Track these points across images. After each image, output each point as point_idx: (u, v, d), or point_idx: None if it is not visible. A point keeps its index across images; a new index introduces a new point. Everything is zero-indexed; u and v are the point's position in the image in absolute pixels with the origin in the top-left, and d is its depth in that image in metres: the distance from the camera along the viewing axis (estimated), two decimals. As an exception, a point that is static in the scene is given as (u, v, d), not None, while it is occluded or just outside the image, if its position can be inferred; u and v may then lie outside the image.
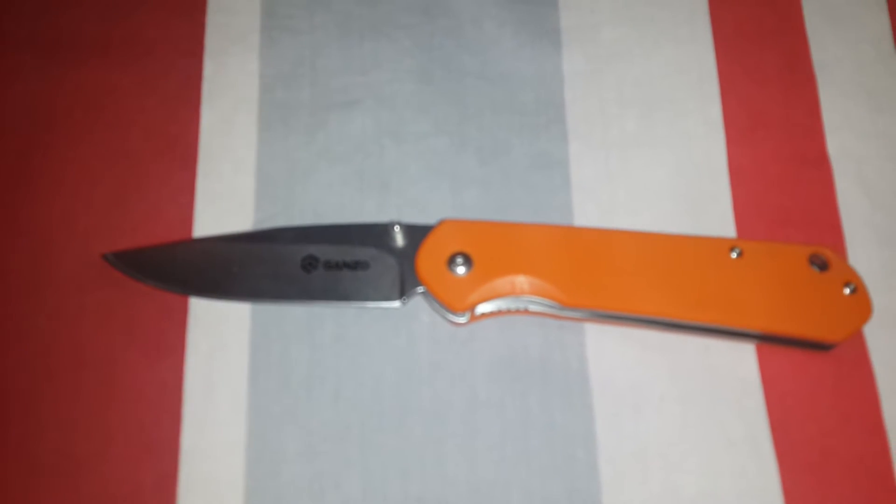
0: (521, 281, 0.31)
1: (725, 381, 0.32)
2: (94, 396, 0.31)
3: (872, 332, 0.32)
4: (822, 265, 0.31)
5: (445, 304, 0.31)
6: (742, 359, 0.32)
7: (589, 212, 0.35)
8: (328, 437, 0.31)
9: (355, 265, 0.32)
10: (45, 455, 0.31)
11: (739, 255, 0.31)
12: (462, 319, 0.32)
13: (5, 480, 0.30)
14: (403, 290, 0.32)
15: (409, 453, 0.31)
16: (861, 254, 0.34)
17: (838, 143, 0.36)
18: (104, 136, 0.36)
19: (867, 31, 0.38)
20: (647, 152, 0.36)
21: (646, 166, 0.36)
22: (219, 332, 0.32)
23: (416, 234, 0.32)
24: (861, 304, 0.31)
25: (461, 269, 0.31)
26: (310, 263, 0.32)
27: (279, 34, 0.37)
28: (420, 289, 0.32)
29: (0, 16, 0.37)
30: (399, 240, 0.32)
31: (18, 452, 0.31)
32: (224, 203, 0.35)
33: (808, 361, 0.32)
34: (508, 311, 0.32)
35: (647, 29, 0.38)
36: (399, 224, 0.32)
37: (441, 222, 0.32)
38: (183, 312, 0.33)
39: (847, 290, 0.31)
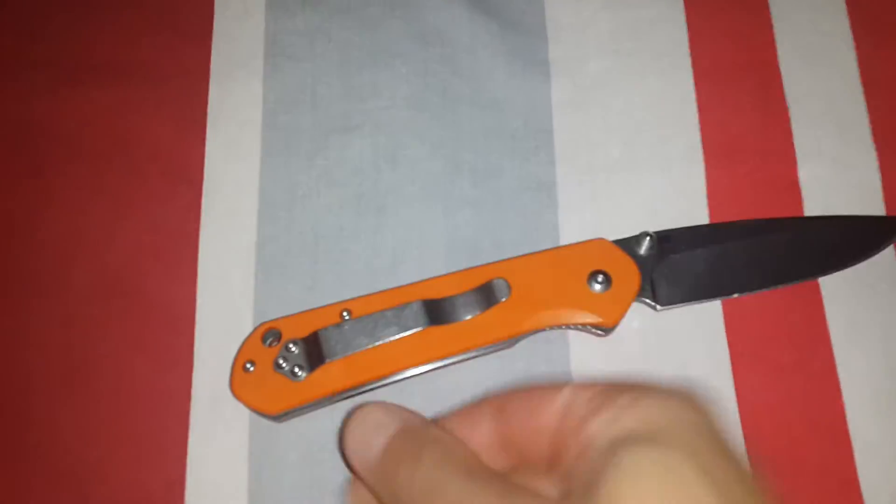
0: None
1: (701, 391, 0.33)
2: (105, 405, 0.33)
3: (839, 346, 0.34)
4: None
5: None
6: (717, 373, 0.34)
7: (574, 231, 0.36)
8: (326, 446, 0.33)
9: None
10: (58, 462, 0.32)
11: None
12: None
13: (19, 487, 0.32)
14: None
15: (403, 461, 0.33)
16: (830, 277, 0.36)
17: (808, 170, 0.38)
18: (114, 155, 0.37)
19: (836, 67, 0.40)
20: (630, 176, 0.38)
21: (629, 189, 0.37)
22: (224, 344, 0.34)
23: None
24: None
25: None
26: None
27: (282, 61, 0.39)
28: None
29: (17, 40, 0.39)
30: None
31: (31, 459, 0.32)
32: (227, 221, 0.36)
33: (779, 376, 0.34)
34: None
35: (631, 61, 0.40)
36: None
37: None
38: (190, 325, 0.34)
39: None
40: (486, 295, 0.33)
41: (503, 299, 0.32)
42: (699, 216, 0.37)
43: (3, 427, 0.33)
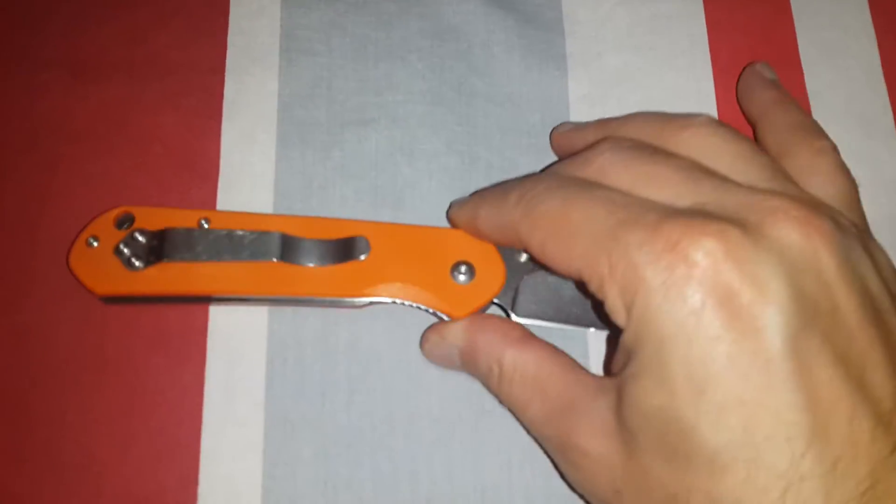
0: None
1: None
2: (118, 400, 0.33)
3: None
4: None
5: None
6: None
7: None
8: (341, 441, 0.33)
9: None
10: (71, 456, 0.32)
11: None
12: None
13: (32, 481, 0.32)
14: None
15: (418, 457, 0.32)
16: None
17: (830, 166, 0.37)
18: (128, 150, 0.37)
19: (858, 61, 0.39)
20: (649, 173, 0.37)
21: (647, 186, 0.37)
22: (238, 340, 0.34)
23: None
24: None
25: None
26: None
27: (297, 56, 0.39)
28: None
29: (31, 35, 0.39)
30: None
31: (45, 454, 0.32)
32: (243, 215, 0.36)
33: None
34: None
35: (649, 57, 0.39)
36: None
37: None
38: (203, 320, 0.34)
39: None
40: (345, 249, 0.32)
41: (359, 258, 0.32)
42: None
43: (15, 424, 0.33)
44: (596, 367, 0.34)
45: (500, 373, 0.30)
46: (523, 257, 0.33)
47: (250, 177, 0.37)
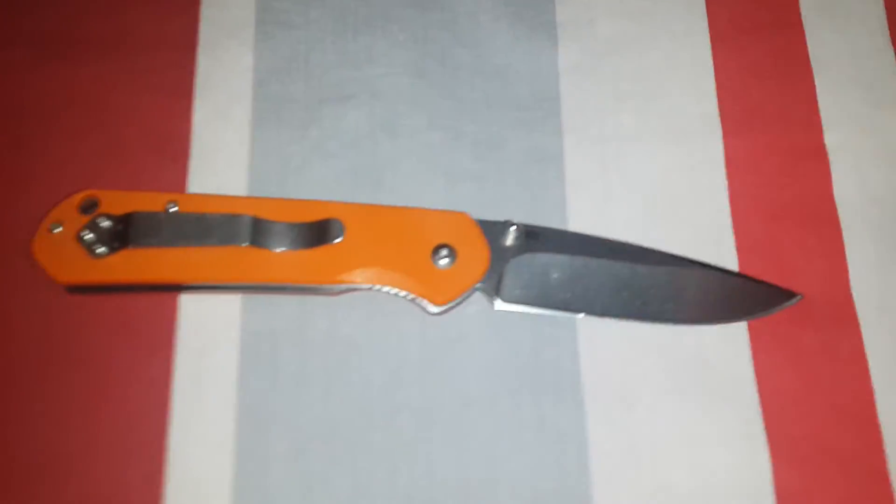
0: None
1: (719, 376, 0.32)
2: (82, 394, 0.31)
3: (868, 328, 0.32)
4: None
5: None
6: (736, 354, 0.32)
7: (583, 206, 0.35)
8: (317, 436, 0.31)
9: None
10: (33, 453, 0.31)
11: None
12: None
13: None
14: None
15: (397, 452, 0.31)
16: (857, 247, 0.34)
17: (836, 136, 0.36)
18: (98, 129, 0.35)
19: (863, 25, 0.38)
20: (643, 146, 0.36)
21: (641, 160, 0.35)
22: (209, 329, 0.32)
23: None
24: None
25: None
26: None
27: (273, 29, 0.37)
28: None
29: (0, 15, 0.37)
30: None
31: (5, 450, 0.31)
32: (216, 198, 0.34)
33: (802, 356, 0.32)
34: None
35: (644, 23, 0.38)
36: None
37: None
38: (172, 309, 0.32)
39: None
40: (319, 232, 0.31)
41: (333, 242, 0.31)
42: (717, 189, 0.35)
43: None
44: (586, 353, 0.32)
45: None
46: (508, 240, 0.32)
47: (223, 157, 0.35)
